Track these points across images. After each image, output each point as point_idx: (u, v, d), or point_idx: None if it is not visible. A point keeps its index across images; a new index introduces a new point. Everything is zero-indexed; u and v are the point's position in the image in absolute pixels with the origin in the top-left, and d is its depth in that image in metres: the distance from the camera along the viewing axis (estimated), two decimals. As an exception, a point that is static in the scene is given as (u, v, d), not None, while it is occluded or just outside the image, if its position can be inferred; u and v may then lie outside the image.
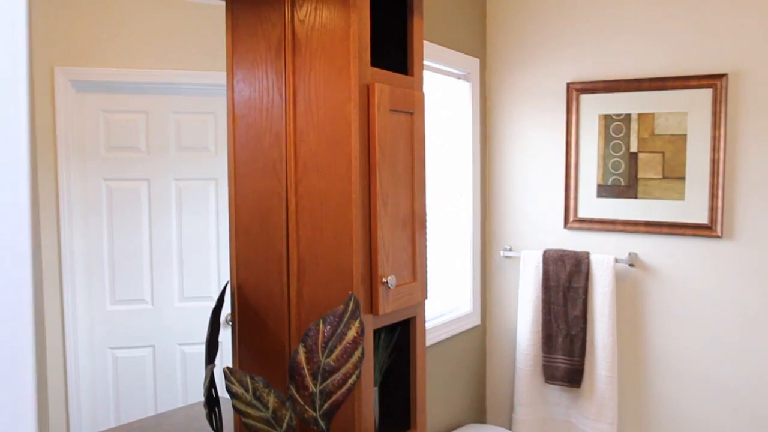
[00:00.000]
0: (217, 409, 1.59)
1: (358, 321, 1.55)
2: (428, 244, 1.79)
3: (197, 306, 1.53)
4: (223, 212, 1.63)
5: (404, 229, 1.76)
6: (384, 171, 1.66)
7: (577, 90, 2.73)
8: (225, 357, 1.73)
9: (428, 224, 1.84)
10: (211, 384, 1.57)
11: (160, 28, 1.50)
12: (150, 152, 1.40)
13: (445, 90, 2.78)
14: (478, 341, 2.96)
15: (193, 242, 1.48)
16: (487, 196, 2.98)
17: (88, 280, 1.29)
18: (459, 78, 2.79)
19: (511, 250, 2.92)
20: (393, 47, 1.86)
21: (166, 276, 1.43)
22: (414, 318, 1.85)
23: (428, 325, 2.53)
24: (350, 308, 1.55)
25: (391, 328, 1.88)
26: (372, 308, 1.66)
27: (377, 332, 1.81)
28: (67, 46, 1.30)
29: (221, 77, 1.65)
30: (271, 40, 1.71)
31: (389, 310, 1.68)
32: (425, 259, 1.85)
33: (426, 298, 1.85)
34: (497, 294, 2.98)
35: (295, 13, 1.68)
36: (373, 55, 1.75)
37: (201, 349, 1.61)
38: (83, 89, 1.30)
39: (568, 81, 2.76)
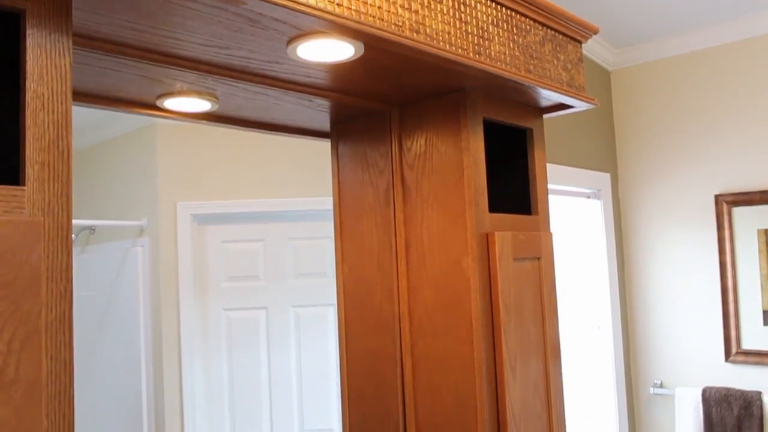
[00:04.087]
0: None
1: None
2: (564, 387, 1.55)
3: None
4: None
5: (536, 394, 1.52)
6: (510, 331, 1.46)
7: (728, 203, 2.41)
8: None
9: (563, 361, 1.60)
10: None
11: (272, 158, 1.50)
12: (268, 280, 1.39)
13: (574, 210, 2.55)
14: (631, 493, 2.56)
15: (312, 371, 1.45)
16: (629, 325, 2.65)
17: (209, 412, 1.27)
18: (589, 197, 2.56)
19: (662, 386, 2.55)
20: (512, 184, 1.69)
21: (286, 407, 1.40)
22: (554, 497, 1.57)
23: (570, 482, 2.20)
24: (477, 501, 1.31)
25: (527, 508, 1.61)
26: (503, 495, 1.41)
27: None
28: (189, 182, 1.34)
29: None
30: (379, 187, 1.59)
31: (524, 497, 1.43)
32: (564, 423, 1.59)
33: (567, 473, 1.57)
34: (649, 437, 2.59)
35: (403, 157, 1.56)
36: (491, 196, 1.58)
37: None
38: (204, 222, 1.33)
39: (717, 193, 2.45)
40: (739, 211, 2.38)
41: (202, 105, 1.18)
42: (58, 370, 0.77)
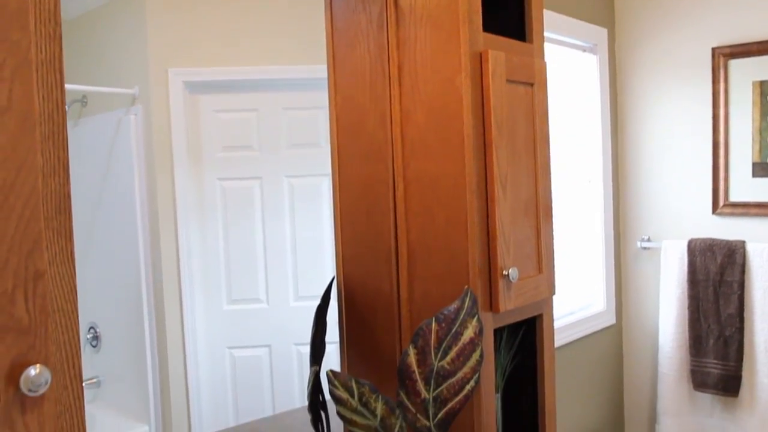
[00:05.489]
0: (324, 414, 1.46)
1: (475, 319, 1.37)
2: (554, 234, 1.58)
3: (312, 306, 1.50)
4: (334, 208, 1.56)
5: (527, 216, 1.56)
6: (502, 149, 1.47)
7: (724, 55, 2.38)
8: (333, 360, 1.61)
9: (554, 213, 1.63)
10: (315, 388, 1.44)
11: (266, 24, 1.47)
12: (262, 150, 1.39)
13: (568, 64, 2.52)
14: (614, 343, 2.67)
15: (306, 240, 1.46)
16: (620, 180, 2.68)
17: (205, 281, 1.30)
18: (584, 50, 2.53)
19: (649, 240, 2.61)
20: (508, 12, 1.66)
21: (281, 275, 1.42)
22: (540, 316, 1.64)
23: (556, 324, 2.29)
24: (466, 305, 1.37)
25: (513, 328, 1.68)
26: (492, 305, 1.47)
27: (498, 332, 1.61)
28: (180, 48, 1.33)
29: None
30: (372, 12, 1.56)
31: (511, 306, 1.48)
32: (552, 249, 1.63)
33: (554, 293, 1.63)
34: (634, 290, 2.67)
35: (397, -21, 1.52)
36: (486, 19, 1.55)
37: (315, 350, 1.52)
38: (196, 90, 1.32)
39: (714, 46, 2.42)
40: (735, 64, 2.36)
41: None
42: (51, 110, 0.77)
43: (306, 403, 1.45)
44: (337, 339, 1.58)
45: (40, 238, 0.73)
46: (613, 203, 2.65)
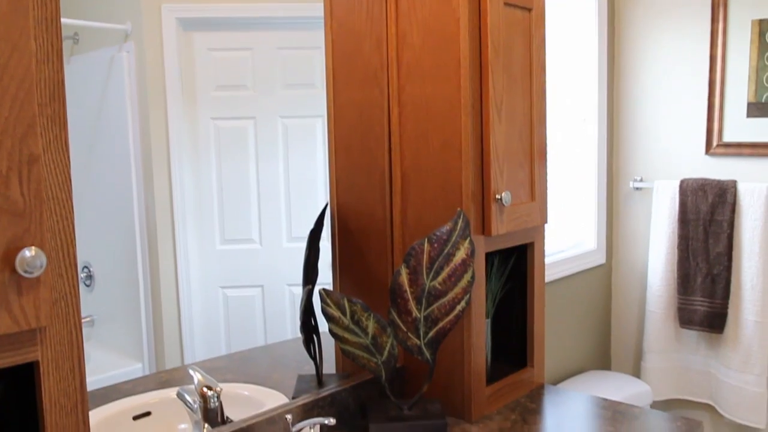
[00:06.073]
0: (315, 337, 1.49)
1: (467, 241, 1.38)
2: (548, 170, 1.58)
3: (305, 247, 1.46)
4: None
5: (521, 142, 1.55)
6: (498, 73, 1.46)
7: (725, -8, 2.35)
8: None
9: (548, 151, 1.62)
10: (307, 309, 1.46)
11: None
12: (256, 90, 1.36)
13: (565, 2, 2.48)
14: (603, 281, 2.70)
15: (300, 181, 1.45)
16: (615, 120, 2.67)
17: (199, 220, 1.29)
18: (583, -13, 2.49)
19: (642, 180, 2.61)
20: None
21: (274, 216, 1.41)
22: (531, 244, 1.66)
23: (547, 260, 2.31)
24: (459, 226, 1.38)
25: (505, 256, 1.70)
26: (484, 228, 1.48)
27: (489, 258, 1.63)
28: None
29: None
30: (370, -70, 1.52)
31: (503, 231, 1.50)
32: (545, 178, 1.64)
33: (546, 221, 1.64)
34: (625, 230, 2.69)
35: None
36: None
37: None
38: (190, 27, 1.29)
39: (714, -17, 2.39)
40: (735, 1, 2.33)
41: None
42: (42, -4, 0.76)
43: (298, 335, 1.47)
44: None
45: (34, 123, 0.72)
46: (607, 143, 2.65)
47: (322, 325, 1.47)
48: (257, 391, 1.40)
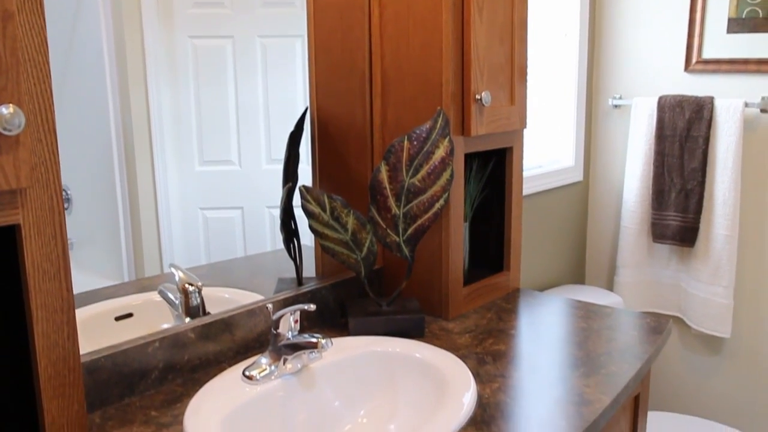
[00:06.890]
0: (296, 239, 1.50)
1: (447, 139, 1.39)
2: (528, 84, 1.58)
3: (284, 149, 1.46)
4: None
5: (502, 44, 1.55)
6: (479, -31, 1.44)
7: None
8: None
9: (528, 63, 1.61)
10: (287, 209, 1.47)
11: None
12: (234, 8, 1.33)
13: None
14: (580, 198, 2.74)
15: (279, 102, 1.43)
16: (596, 36, 2.66)
17: (177, 142, 1.28)
18: None
19: (621, 98, 2.62)
20: None
21: (254, 137, 1.40)
22: (511, 149, 1.67)
23: (525, 173, 2.33)
24: (439, 124, 1.38)
25: (484, 161, 1.71)
26: (463, 129, 1.49)
27: (468, 160, 1.65)
28: None
29: None
30: None
31: (482, 131, 1.51)
32: (525, 83, 1.64)
33: (525, 126, 1.66)
34: (603, 147, 2.72)
35: None
36: None
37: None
38: None
39: None
40: None
41: None
42: None
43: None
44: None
45: (5, -22, 0.71)
46: (588, 59, 2.64)
47: (302, 226, 1.49)
48: (238, 293, 1.42)
